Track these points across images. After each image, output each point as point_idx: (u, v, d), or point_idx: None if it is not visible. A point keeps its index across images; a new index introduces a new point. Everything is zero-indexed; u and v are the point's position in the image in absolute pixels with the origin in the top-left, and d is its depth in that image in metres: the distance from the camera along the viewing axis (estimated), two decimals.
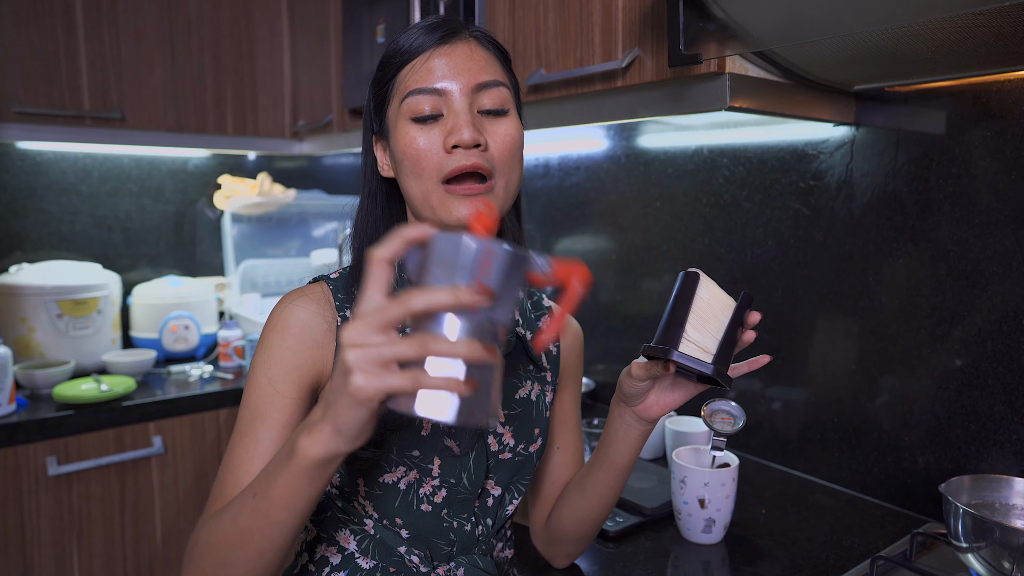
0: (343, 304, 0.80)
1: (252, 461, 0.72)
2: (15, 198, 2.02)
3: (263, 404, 0.74)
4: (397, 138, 0.76)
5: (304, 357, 0.76)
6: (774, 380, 1.40)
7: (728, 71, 1.01)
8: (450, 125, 0.74)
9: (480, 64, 0.76)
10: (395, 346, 0.51)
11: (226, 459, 0.75)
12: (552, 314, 0.80)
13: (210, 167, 2.36)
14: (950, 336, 1.14)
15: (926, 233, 1.16)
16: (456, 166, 0.73)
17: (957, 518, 0.92)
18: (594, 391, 1.79)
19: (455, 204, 0.74)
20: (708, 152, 1.48)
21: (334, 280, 0.82)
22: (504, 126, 0.77)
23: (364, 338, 0.52)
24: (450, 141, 0.73)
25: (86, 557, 1.63)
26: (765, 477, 1.36)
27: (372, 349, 0.51)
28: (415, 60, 0.76)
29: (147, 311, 2.01)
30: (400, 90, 0.77)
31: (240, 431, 0.75)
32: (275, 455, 0.64)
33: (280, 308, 0.78)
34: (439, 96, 0.75)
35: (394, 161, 0.79)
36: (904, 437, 1.21)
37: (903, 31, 0.85)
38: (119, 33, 1.87)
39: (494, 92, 0.77)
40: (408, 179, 0.77)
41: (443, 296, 0.51)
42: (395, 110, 0.77)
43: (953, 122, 1.12)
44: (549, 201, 1.87)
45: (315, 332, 0.77)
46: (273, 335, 0.77)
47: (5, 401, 1.56)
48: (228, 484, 0.72)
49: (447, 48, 0.76)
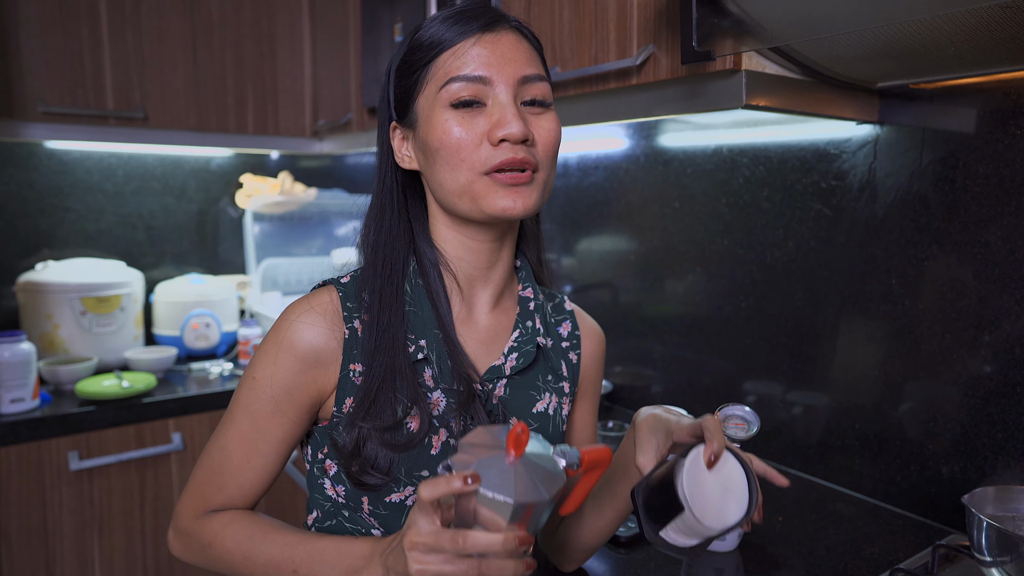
0: (352, 313, 0.77)
1: (253, 470, 0.77)
2: (43, 196, 2.06)
3: (263, 419, 0.76)
4: (433, 126, 0.73)
5: (306, 377, 0.76)
6: (794, 384, 1.37)
7: (744, 68, 0.98)
8: (496, 117, 0.71)
9: (525, 55, 0.74)
10: (455, 567, 0.58)
11: (221, 452, 0.77)
12: (583, 461, 0.70)
13: (232, 166, 2.39)
14: (977, 342, 1.10)
15: (952, 235, 1.12)
16: (505, 159, 0.71)
17: (981, 531, 0.89)
18: (612, 393, 1.77)
19: (499, 194, 0.72)
20: (728, 151, 1.45)
21: (344, 285, 0.80)
22: (548, 120, 0.75)
23: (427, 556, 0.58)
24: (498, 134, 0.71)
25: (107, 551, 1.65)
26: None
27: (434, 566, 0.58)
28: (457, 46, 0.72)
29: (169, 309, 2.04)
30: (438, 76, 0.73)
31: (237, 432, 0.76)
32: (328, 552, 0.70)
33: (287, 323, 0.76)
34: (484, 85, 0.72)
35: (423, 151, 0.76)
36: (928, 445, 1.17)
37: (924, 25, 0.82)
38: (142, 34, 1.90)
39: (538, 86, 0.75)
40: (442, 169, 0.73)
41: (495, 546, 0.57)
42: (429, 97, 0.74)
43: (982, 120, 1.08)
44: (568, 201, 1.86)
45: (320, 353, 0.76)
46: (279, 352, 0.76)
47: (29, 396, 1.59)
48: (228, 483, 0.76)
49: (492, 36, 0.73)
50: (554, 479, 0.61)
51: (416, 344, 0.77)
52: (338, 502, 0.79)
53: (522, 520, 0.59)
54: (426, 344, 0.77)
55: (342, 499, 0.79)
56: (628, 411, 1.72)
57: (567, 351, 0.89)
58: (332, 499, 0.79)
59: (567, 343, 0.90)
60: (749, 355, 1.44)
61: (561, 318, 0.91)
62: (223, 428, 0.78)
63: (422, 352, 0.77)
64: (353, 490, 0.77)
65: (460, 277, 0.81)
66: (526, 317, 0.84)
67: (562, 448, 0.65)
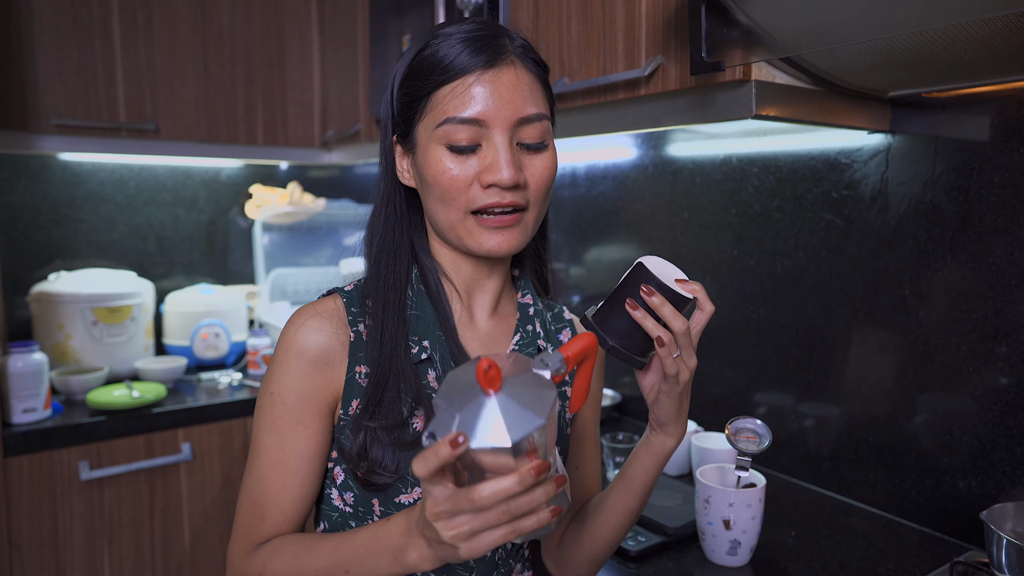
0: (356, 318, 0.79)
1: (290, 491, 0.76)
2: (55, 208, 2.07)
3: (288, 434, 0.76)
4: (428, 161, 0.74)
5: (320, 383, 0.76)
6: (806, 396, 1.35)
7: (754, 78, 0.98)
8: (488, 160, 0.72)
9: (524, 95, 0.73)
10: (485, 520, 0.57)
11: (257, 483, 0.76)
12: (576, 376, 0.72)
13: (242, 177, 2.40)
14: (994, 353, 1.08)
15: (967, 245, 1.11)
16: (492, 202, 0.72)
17: (1000, 548, 0.87)
18: (621, 405, 1.75)
19: (484, 236, 0.74)
20: (737, 161, 1.44)
21: (348, 292, 0.81)
22: (543, 160, 0.75)
23: (453, 521, 0.57)
24: (488, 178, 0.71)
25: (116, 561, 1.65)
26: (795, 497, 1.31)
27: (466, 527, 0.57)
28: (456, 82, 0.72)
29: (179, 319, 2.05)
30: (436, 112, 0.73)
31: (268, 457, 0.76)
32: (370, 542, 0.68)
33: (294, 329, 0.77)
34: (479, 128, 0.72)
35: (419, 178, 0.77)
36: (944, 459, 1.15)
37: (937, 34, 0.81)
38: (154, 47, 1.92)
39: (536, 126, 0.74)
40: (434, 203, 0.76)
41: (511, 486, 0.55)
42: (427, 129, 0.74)
43: (996, 129, 1.07)
44: (576, 211, 1.85)
45: (329, 355, 0.76)
46: (289, 360, 0.76)
47: (41, 406, 1.60)
48: (270, 511, 0.76)
49: (492, 74, 0.72)
50: (543, 397, 0.57)
51: (420, 345, 0.78)
52: (346, 512, 0.79)
53: (528, 451, 0.56)
54: (429, 345, 0.78)
55: (350, 508, 0.78)
56: (638, 423, 1.71)
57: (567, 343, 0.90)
58: (340, 509, 0.79)
59: None
60: (760, 366, 1.43)
61: (561, 326, 0.92)
62: (254, 458, 0.78)
63: (425, 352, 0.78)
64: (363, 494, 0.77)
65: (458, 285, 0.83)
66: (526, 322, 0.86)
67: (542, 358, 0.62)
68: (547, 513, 0.58)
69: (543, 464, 0.56)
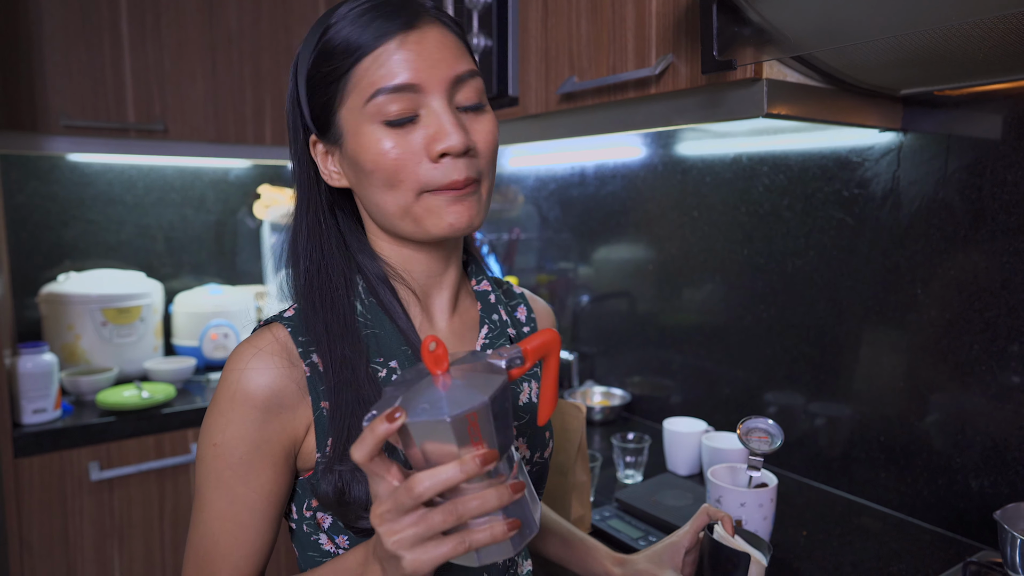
0: (307, 348, 0.69)
1: (244, 546, 0.68)
2: (65, 208, 2.08)
3: (237, 487, 0.67)
4: (364, 145, 0.66)
5: (274, 428, 0.67)
6: (817, 395, 1.35)
7: (765, 77, 0.97)
8: (433, 129, 0.65)
9: (453, 51, 0.67)
10: (429, 522, 0.51)
11: (206, 539, 0.68)
12: (542, 382, 0.65)
13: (251, 177, 2.41)
14: (1006, 352, 1.08)
15: (979, 244, 1.10)
16: (447, 181, 0.65)
17: (1014, 548, 0.87)
18: (631, 404, 1.75)
19: (443, 212, 0.67)
20: (747, 160, 1.44)
21: (290, 319, 0.71)
22: (485, 123, 0.69)
23: (396, 524, 0.52)
24: (436, 148, 0.65)
25: (127, 561, 1.66)
26: (807, 497, 1.31)
27: (409, 531, 0.51)
28: (376, 51, 0.65)
29: (188, 319, 2.05)
30: (361, 88, 0.65)
31: (215, 512, 0.68)
32: None
33: (235, 374, 0.67)
34: (414, 93, 0.65)
35: (353, 170, 0.69)
36: (956, 458, 1.14)
37: (951, 32, 0.80)
38: (162, 47, 1.92)
39: (471, 84, 0.68)
40: (379, 192, 0.67)
41: (452, 474, 0.50)
42: (353, 111, 0.66)
43: (1009, 126, 1.06)
44: (585, 210, 1.85)
45: (282, 397, 0.67)
46: (235, 408, 0.67)
47: (51, 407, 1.61)
48: (222, 568, 0.67)
49: (416, 35, 0.65)
50: (490, 380, 0.54)
51: (387, 367, 0.70)
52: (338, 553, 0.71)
53: (472, 437, 0.52)
54: (397, 365, 0.71)
55: (345, 550, 0.70)
56: (647, 422, 1.71)
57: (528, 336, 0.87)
58: (331, 554, 0.70)
59: (527, 327, 0.87)
60: (770, 365, 1.42)
61: (515, 303, 0.88)
62: (199, 512, 0.69)
63: (395, 374, 0.70)
64: (356, 537, 0.69)
65: (413, 286, 0.75)
66: (490, 311, 0.80)
67: (499, 351, 0.58)
68: (502, 524, 0.52)
69: (490, 453, 0.51)
